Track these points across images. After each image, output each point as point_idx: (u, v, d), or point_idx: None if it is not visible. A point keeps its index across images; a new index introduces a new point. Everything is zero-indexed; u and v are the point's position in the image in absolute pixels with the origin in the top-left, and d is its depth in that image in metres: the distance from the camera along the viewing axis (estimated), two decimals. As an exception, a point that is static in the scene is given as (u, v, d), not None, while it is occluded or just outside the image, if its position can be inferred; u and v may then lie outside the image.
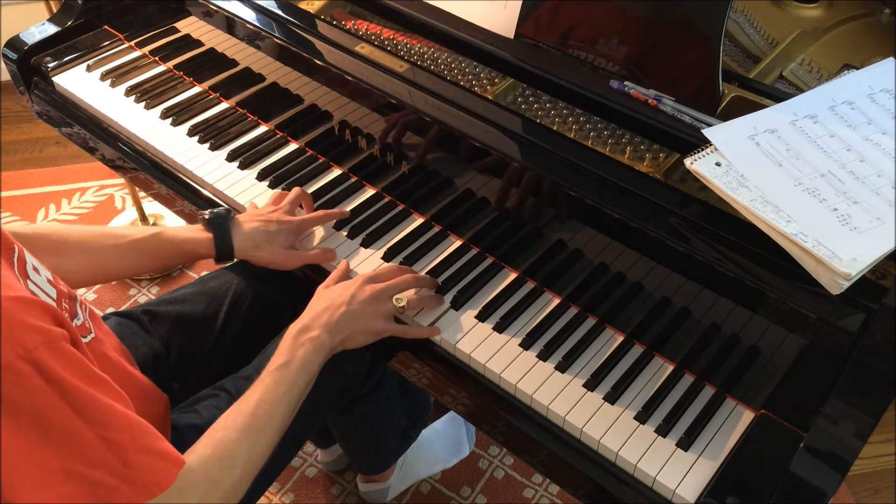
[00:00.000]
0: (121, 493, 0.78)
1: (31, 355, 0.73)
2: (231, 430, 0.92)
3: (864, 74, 1.07)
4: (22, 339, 0.73)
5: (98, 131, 1.49)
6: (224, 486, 0.88)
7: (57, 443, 0.75)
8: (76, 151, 2.08)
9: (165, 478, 0.81)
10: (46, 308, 0.77)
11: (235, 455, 0.90)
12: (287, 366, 1.00)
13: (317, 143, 1.38)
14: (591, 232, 1.08)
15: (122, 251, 1.15)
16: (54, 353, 0.75)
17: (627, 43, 1.14)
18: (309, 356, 1.01)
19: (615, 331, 1.11)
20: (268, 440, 0.95)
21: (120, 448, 0.78)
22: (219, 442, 0.91)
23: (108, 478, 0.78)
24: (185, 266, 2.19)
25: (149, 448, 0.81)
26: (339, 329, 1.05)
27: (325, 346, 1.03)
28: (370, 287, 1.09)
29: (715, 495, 0.92)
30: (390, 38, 1.29)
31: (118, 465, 0.78)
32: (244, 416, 0.94)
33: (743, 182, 0.94)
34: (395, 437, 1.53)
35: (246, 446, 0.92)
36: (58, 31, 1.59)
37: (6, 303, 0.73)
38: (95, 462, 0.77)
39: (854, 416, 0.89)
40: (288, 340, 1.03)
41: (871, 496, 1.75)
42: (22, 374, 0.73)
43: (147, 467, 0.80)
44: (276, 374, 0.99)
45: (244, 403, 0.96)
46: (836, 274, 0.86)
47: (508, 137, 1.12)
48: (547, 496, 1.71)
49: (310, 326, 1.04)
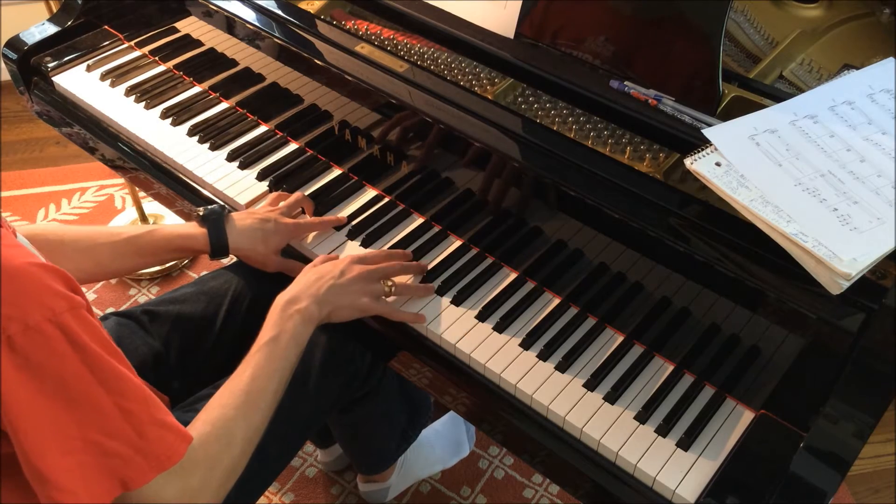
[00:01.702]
0: (135, 464, 0.79)
1: (58, 319, 0.74)
2: (227, 407, 0.93)
3: (864, 74, 1.07)
4: (49, 303, 0.74)
5: (98, 131, 1.49)
6: (224, 464, 0.89)
7: (78, 410, 0.76)
8: (76, 151, 2.08)
9: (175, 451, 0.82)
10: (67, 277, 0.78)
11: (233, 432, 0.91)
12: (277, 340, 1.00)
13: (317, 143, 1.38)
14: (590, 232, 1.08)
15: (117, 249, 1.15)
16: (77, 319, 0.76)
17: (627, 43, 1.14)
18: (298, 328, 1.02)
19: (615, 331, 1.11)
20: (262, 415, 0.96)
21: (136, 419, 0.79)
22: (216, 420, 0.91)
23: (125, 448, 0.78)
24: (185, 266, 2.19)
25: (161, 421, 0.82)
26: (327, 301, 1.05)
27: (314, 316, 1.04)
28: (359, 266, 1.10)
29: (715, 495, 0.92)
30: (390, 38, 1.29)
31: (134, 436, 0.79)
32: (238, 393, 0.95)
33: (743, 182, 0.94)
34: (394, 437, 1.53)
35: (243, 423, 0.93)
36: (58, 31, 1.59)
37: (32, 268, 0.74)
38: (113, 432, 0.78)
39: (854, 416, 0.89)
40: (276, 313, 1.03)
41: (871, 496, 1.75)
42: (50, 337, 0.74)
43: (159, 440, 0.81)
44: (267, 350, 0.99)
45: (237, 380, 0.96)
46: (836, 274, 0.86)
47: (508, 137, 1.12)
48: (547, 496, 1.71)
49: (298, 297, 1.05)
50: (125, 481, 0.79)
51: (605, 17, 1.15)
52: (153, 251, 1.17)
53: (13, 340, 0.72)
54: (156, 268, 2.15)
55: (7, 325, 0.72)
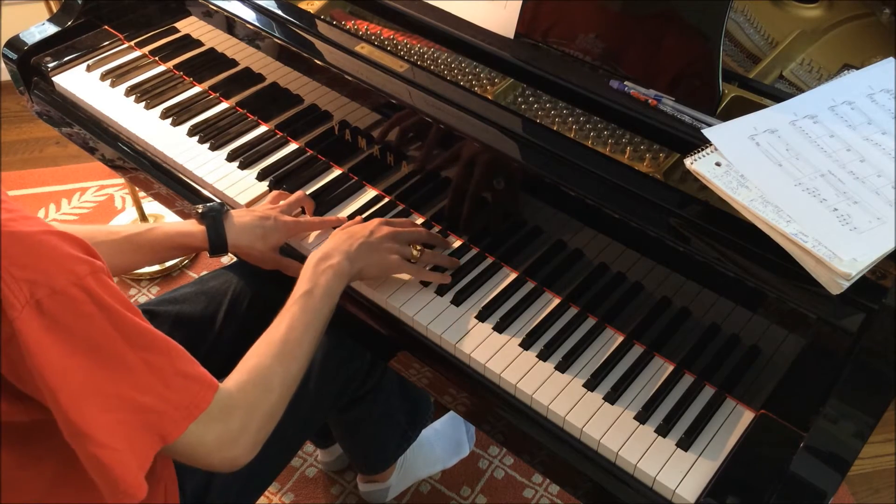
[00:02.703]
0: (168, 417, 0.82)
1: (82, 282, 0.76)
2: (264, 356, 0.96)
3: (864, 74, 1.07)
4: (72, 268, 0.76)
5: (98, 131, 1.49)
6: (263, 408, 0.92)
7: (110, 368, 0.78)
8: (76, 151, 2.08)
9: (203, 399, 0.84)
10: (83, 243, 0.80)
11: (271, 379, 0.94)
12: (311, 293, 1.03)
13: (317, 144, 1.38)
14: (591, 232, 1.08)
15: (116, 246, 1.15)
16: (98, 281, 0.78)
17: (627, 43, 1.14)
18: (331, 282, 1.05)
19: (615, 331, 1.11)
20: (299, 365, 0.98)
21: (161, 372, 0.82)
22: (253, 368, 0.94)
23: (157, 402, 0.81)
24: (185, 266, 2.19)
25: (184, 372, 0.84)
26: (358, 257, 1.09)
27: (346, 272, 1.07)
28: (388, 227, 1.14)
29: (715, 495, 0.92)
30: (390, 38, 1.29)
31: (163, 388, 0.81)
32: (275, 343, 0.97)
33: (743, 182, 0.94)
34: (394, 436, 1.53)
35: (280, 370, 0.95)
36: (58, 31, 1.59)
37: (51, 236, 0.77)
38: (144, 387, 0.80)
39: (854, 416, 0.89)
40: (309, 269, 1.06)
41: (871, 496, 1.75)
42: (76, 300, 0.76)
43: (185, 390, 0.83)
44: (302, 302, 1.02)
45: (274, 331, 0.99)
46: (836, 274, 0.86)
47: (508, 137, 1.12)
48: (547, 496, 1.71)
49: (330, 254, 1.07)
50: (163, 434, 0.81)
51: (605, 17, 1.15)
52: (152, 249, 1.17)
53: (42, 304, 0.74)
54: (156, 267, 2.15)
55: (35, 290, 0.73)
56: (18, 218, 0.76)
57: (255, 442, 0.92)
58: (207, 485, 1.09)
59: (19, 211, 0.78)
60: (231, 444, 0.88)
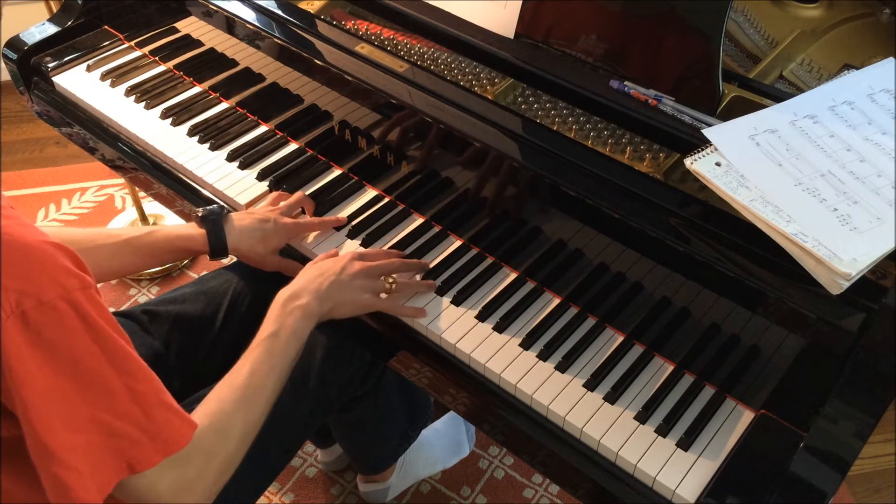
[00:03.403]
0: (142, 447, 0.79)
1: (70, 296, 0.74)
2: (225, 402, 0.93)
3: (864, 74, 1.07)
4: (63, 281, 0.75)
5: (98, 131, 1.49)
6: (220, 457, 0.89)
7: (88, 388, 0.76)
8: (76, 151, 2.08)
9: (182, 436, 0.82)
10: (75, 256, 0.78)
11: (230, 427, 0.91)
12: (276, 335, 1.00)
13: (317, 144, 1.38)
14: (591, 232, 1.08)
15: (116, 249, 1.15)
16: (88, 298, 0.76)
17: (627, 43, 1.14)
18: (298, 324, 1.02)
19: (615, 331, 1.11)
20: (260, 410, 0.96)
21: (144, 400, 0.79)
22: (214, 414, 0.91)
23: (132, 430, 0.78)
24: (185, 266, 2.19)
25: (168, 404, 0.82)
26: (328, 297, 1.05)
27: (314, 313, 1.04)
28: (360, 263, 1.10)
29: (715, 495, 0.92)
30: (390, 38, 1.29)
31: (142, 417, 0.79)
32: (237, 387, 0.95)
33: (743, 182, 0.94)
34: (394, 436, 1.53)
35: (241, 417, 0.93)
36: (58, 31, 1.59)
37: (45, 246, 0.75)
38: (122, 413, 0.78)
39: (854, 416, 0.89)
40: (276, 308, 1.03)
41: (871, 496, 1.75)
42: (63, 313, 0.74)
43: (167, 423, 0.81)
44: (267, 344, 0.99)
45: (235, 375, 0.96)
46: (836, 274, 0.86)
47: (508, 137, 1.12)
48: (547, 496, 1.70)
49: (299, 294, 1.04)
50: (132, 463, 0.79)
51: (605, 17, 1.15)
52: (152, 252, 1.17)
53: (27, 316, 0.72)
54: (156, 268, 2.15)
55: (22, 299, 0.72)
56: (15, 225, 0.75)
57: (211, 492, 0.89)
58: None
59: (16, 217, 0.76)
60: (185, 492, 0.85)
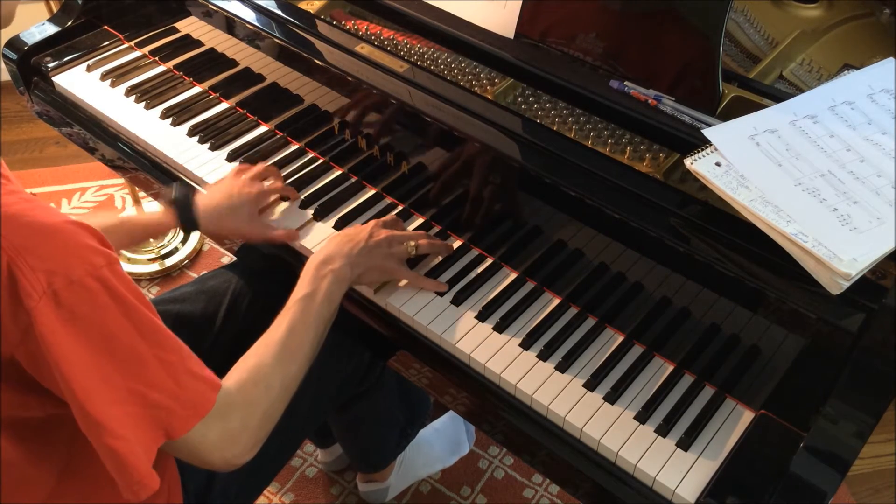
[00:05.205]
0: (176, 415, 0.82)
1: (98, 273, 0.76)
2: (264, 356, 0.96)
3: (864, 74, 1.07)
4: (90, 258, 0.76)
5: (98, 131, 1.49)
6: (262, 407, 0.93)
7: (123, 362, 0.79)
8: (76, 151, 2.07)
9: (209, 400, 0.85)
10: (98, 234, 0.80)
11: (270, 379, 0.95)
12: (312, 297, 1.03)
13: (317, 144, 1.38)
14: (591, 232, 1.08)
15: None
16: (114, 273, 0.78)
17: (627, 42, 1.14)
18: (332, 287, 1.05)
19: (615, 331, 1.11)
20: (298, 366, 0.99)
21: (174, 369, 0.82)
22: (253, 368, 0.94)
23: (166, 399, 0.81)
24: (185, 266, 2.19)
25: (194, 371, 0.85)
26: (359, 262, 1.09)
27: (346, 277, 1.07)
28: (386, 230, 1.14)
29: (715, 495, 0.92)
30: (390, 38, 1.29)
31: (173, 386, 0.82)
32: (275, 343, 0.98)
33: (743, 182, 0.94)
34: (393, 434, 1.53)
35: (280, 370, 0.96)
36: (58, 31, 1.59)
37: (69, 226, 0.77)
38: (154, 383, 0.81)
39: (854, 416, 0.89)
40: (310, 272, 1.06)
41: (871, 496, 1.75)
42: (93, 290, 0.76)
43: (194, 389, 0.84)
44: (303, 304, 1.02)
45: (274, 332, 0.99)
46: (836, 274, 0.86)
47: (508, 137, 1.12)
48: (547, 496, 1.71)
49: (331, 258, 1.08)
50: (168, 431, 0.82)
51: (605, 17, 1.15)
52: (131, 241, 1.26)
53: (59, 295, 0.74)
54: (156, 267, 2.15)
55: (52, 279, 0.74)
56: (37, 207, 0.76)
57: (255, 441, 0.92)
58: (209, 483, 1.10)
59: (35, 200, 0.78)
60: (231, 442, 0.89)
